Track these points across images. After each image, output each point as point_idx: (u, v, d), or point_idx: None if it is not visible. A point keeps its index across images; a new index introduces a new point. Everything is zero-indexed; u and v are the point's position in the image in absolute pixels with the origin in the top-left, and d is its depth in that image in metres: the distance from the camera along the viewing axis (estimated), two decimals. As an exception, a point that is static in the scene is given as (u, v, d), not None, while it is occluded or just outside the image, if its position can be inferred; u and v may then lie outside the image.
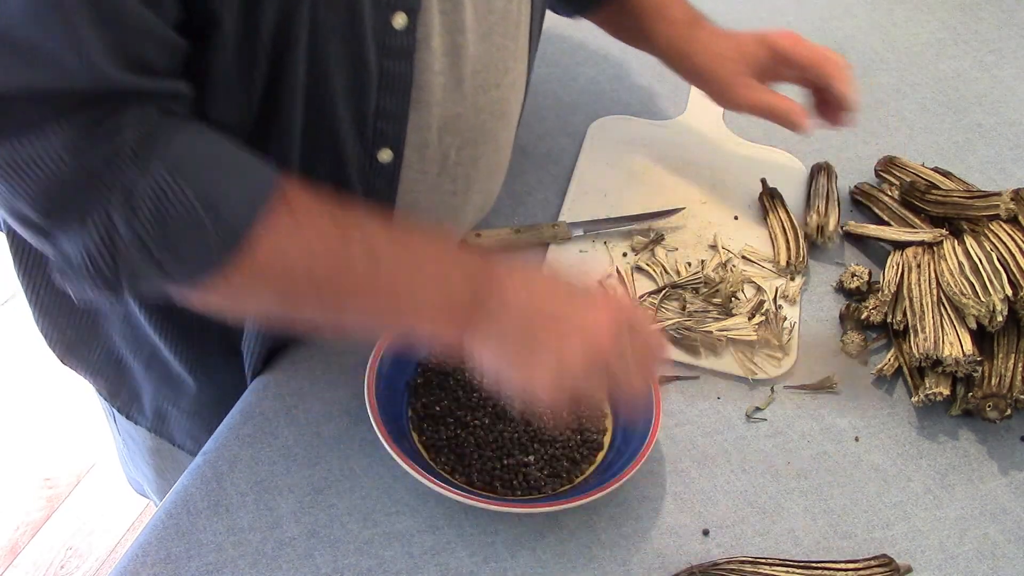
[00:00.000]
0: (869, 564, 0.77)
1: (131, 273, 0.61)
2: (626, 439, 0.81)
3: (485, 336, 0.67)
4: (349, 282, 0.66)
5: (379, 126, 0.74)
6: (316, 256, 0.65)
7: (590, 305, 0.68)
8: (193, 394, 0.93)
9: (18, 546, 1.84)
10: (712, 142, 1.14)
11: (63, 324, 0.92)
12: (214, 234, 0.60)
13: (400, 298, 0.68)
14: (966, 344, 0.85)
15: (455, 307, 0.67)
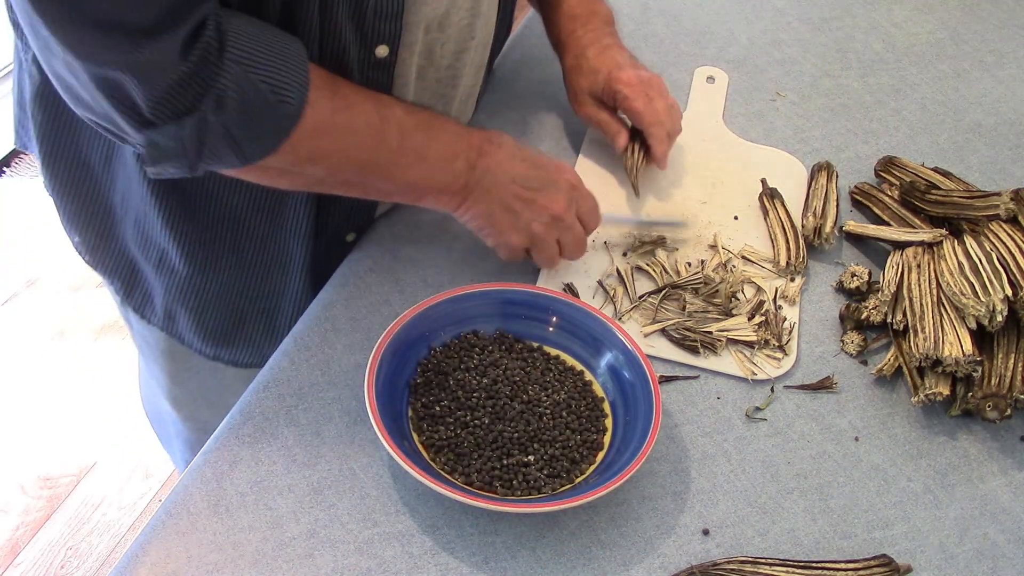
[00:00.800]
0: (869, 564, 0.77)
1: (212, 156, 0.74)
2: (626, 439, 0.81)
3: (475, 206, 0.88)
4: (382, 155, 0.82)
5: (377, 24, 0.81)
6: (358, 131, 0.80)
7: (553, 185, 0.90)
8: (198, 292, 0.99)
9: (18, 546, 1.84)
10: (712, 142, 1.14)
11: (84, 228, 1.00)
12: (282, 111, 0.74)
13: (418, 173, 0.85)
14: (966, 344, 0.85)
15: (456, 185, 0.87)
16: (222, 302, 1.00)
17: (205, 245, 0.95)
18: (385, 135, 0.81)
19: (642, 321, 0.93)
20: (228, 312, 1.00)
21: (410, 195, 0.88)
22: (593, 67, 1.03)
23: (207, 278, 0.98)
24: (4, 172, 2.57)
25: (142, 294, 1.03)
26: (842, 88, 1.25)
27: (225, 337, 1.03)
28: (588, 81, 1.03)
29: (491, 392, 0.82)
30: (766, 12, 1.37)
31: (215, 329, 1.02)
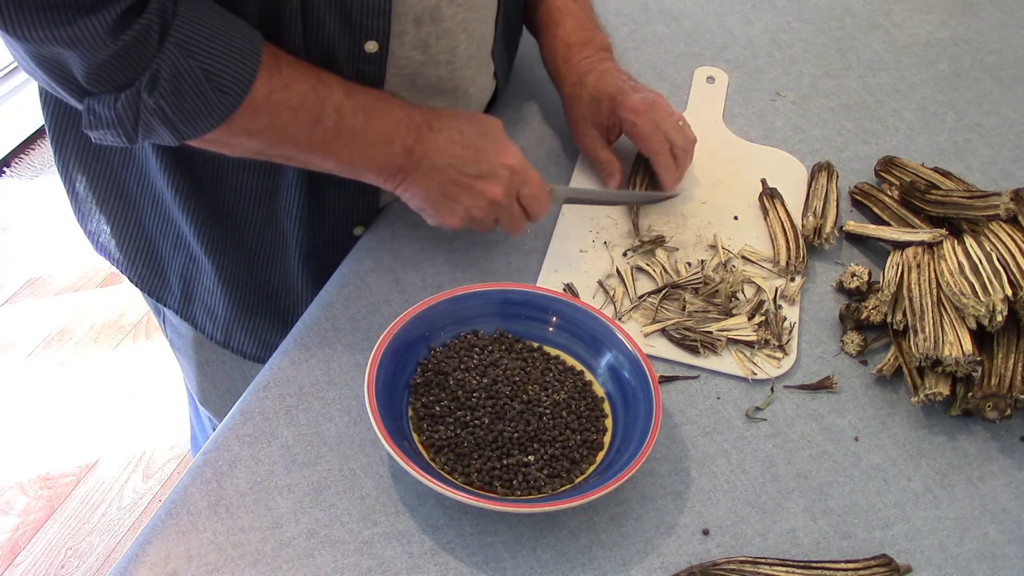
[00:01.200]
0: (869, 564, 0.77)
1: (147, 129, 0.77)
2: (626, 439, 0.81)
3: (412, 187, 0.90)
4: (318, 135, 0.83)
5: (364, 20, 0.83)
6: (294, 110, 0.81)
7: (491, 172, 0.90)
8: (209, 275, 1.01)
9: (18, 546, 1.84)
10: (712, 142, 1.14)
11: (100, 216, 1.02)
12: (217, 100, 0.77)
13: (354, 153, 0.86)
14: (966, 344, 0.85)
15: (393, 166, 0.88)
16: (231, 285, 1.01)
17: (213, 226, 0.97)
18: (322, 116, 0.83)
19: (642, 321, 0.93)
20: (237, 297, 1.02)
21: (349, 173, 0.89)
22: (594, 95, 1.02)
23: (216, 259, 0.99)
24: (4, 172, 2.57)
25: (161, 277, 1.04)
26: (842, 88, 1.25)
27: (234, 323, 1.03)
28: (591, 111, 1.03)
29: (491, 392, 0.82)
30: (766, 12, 1.37)
31: (226, 313, 1.03)
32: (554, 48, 1.05)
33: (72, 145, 0.98)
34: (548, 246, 0.99)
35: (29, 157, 2.60)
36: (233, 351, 1.06)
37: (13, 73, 2.56)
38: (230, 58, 0.76)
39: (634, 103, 1.00)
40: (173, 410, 2.07)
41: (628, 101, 1.00)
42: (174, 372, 2.11)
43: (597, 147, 1.03)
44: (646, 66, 1.25)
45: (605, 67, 1.03)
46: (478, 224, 0.92)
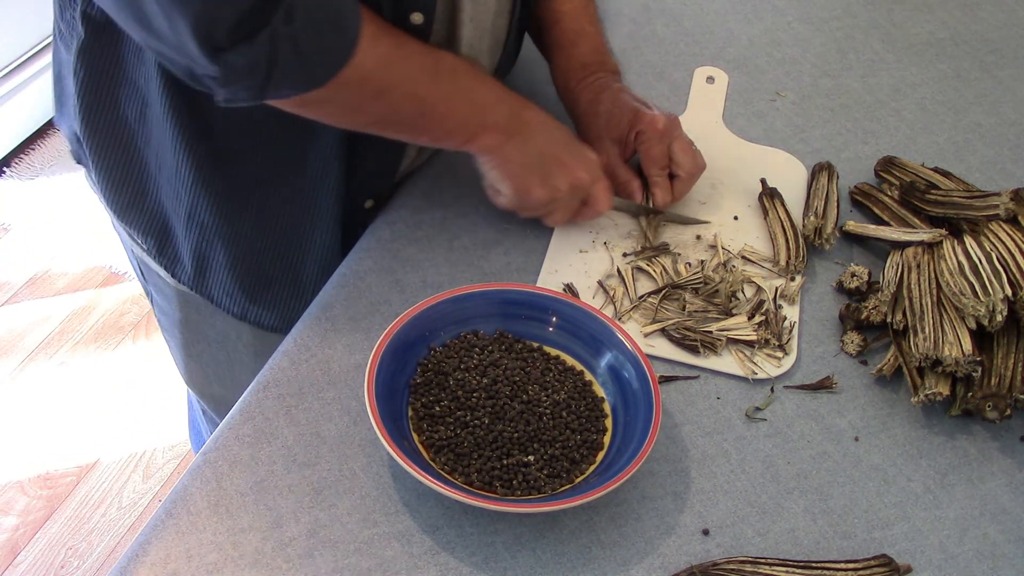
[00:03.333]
0: (869, 564, 0.77)
1: (281, 76, 0.76)
2: (626, 439, 0.81)
3: (515, 150, 0.93)
4: (434, 93, 0.87)
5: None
6: (416, 67, 0.85)
7: (585, 156, 0.97)
8: (228, 246, 1.01)
9: (18, 546, 1.84)
10: (712, 142, 1.14)
11: (120, 186, 1.02)
12: (343, 34, 0.78)
13: (469, 111, 0.90)
14: (966, 344, 0.85)
15: (501, 125, 0.91)
16: (250, 257, 1.02)
17: (233, 198, 0.97)
18: (438, 73, 0.86)
19: (642, 321, 0.93)
20: (255, 268, 1.03)
21: (460, 135, 0.91)
22: (611, 110, 1.02)
23: (235, 231, 1.00)
24: (4, 172, 2.57)
25: (173, 251, 1.04)
26: (842, 88, 1.25)
27: (252, 295, 1.04)
28: (609, 126, 1.02)
29: (491, 392, 0.82)
30: (766, 12, 1.37)
31: (243, 285, 1.04)
32: (569, 68, 1.06)
33: (101, 115, 0.98)
34: (548, 246, 0.99)
35: (29, 157, 2.60)
36: (251, 323, 1.07)
37: (13, 73, 2.56)
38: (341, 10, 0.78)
39: (653, 116, 1.01)
40: (173, 410, 2.07)
41: (648, 114, 1.01)
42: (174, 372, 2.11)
43: (615, 163, 1.03)
44: (646, 66, 1.25)
45: (620, 87, 1.04)
46: (558, 203, 0.96)
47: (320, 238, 1.01)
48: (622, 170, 1.03)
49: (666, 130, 1.00)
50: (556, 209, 0.97)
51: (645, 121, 1.00)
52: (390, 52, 0.82)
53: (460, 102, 0.89)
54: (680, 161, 1.01)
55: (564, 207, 0.97)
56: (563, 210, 0.97)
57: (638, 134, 1.01)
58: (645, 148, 1.01)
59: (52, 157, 2.59)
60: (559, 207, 0.97)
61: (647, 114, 1.01)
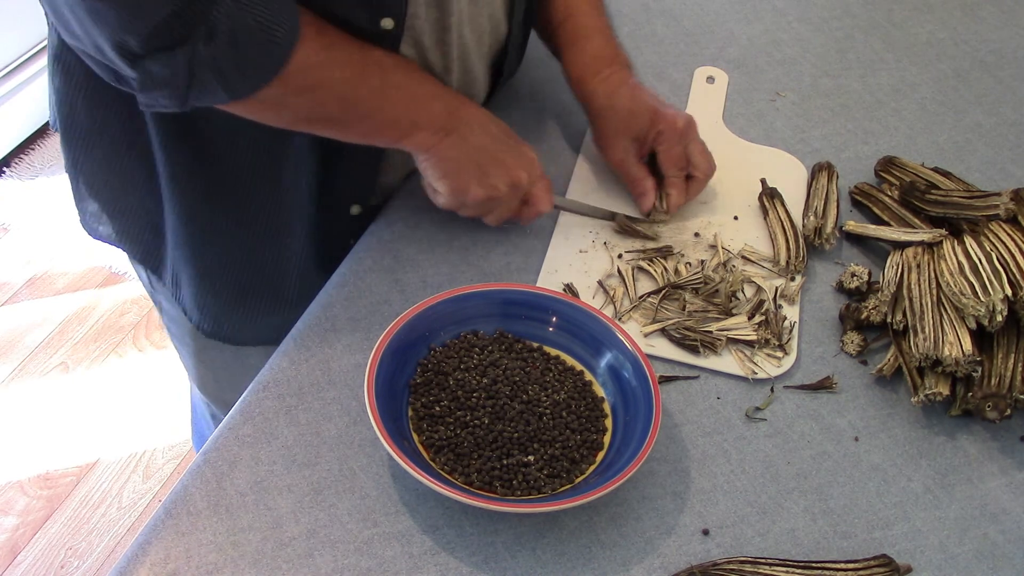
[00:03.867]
0: (869, 564, 0.77)
1: (201, 86, 0.76)
2: (626, 439, 0.81)
3: (451, 149, 0.90)
4: (364, 91, 0.85)
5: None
6: (343, 66, 0.82)
7: (522, 155, 0.94)
8: (202, 257, 1.00)
9: (18, 546, 1.84)
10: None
11: (102, 193, 1.02)
12: (270, 51, 0.76)
13: (399, 110, 0.87)
14: (966, 344, 0.85)
15: (436, 123, 0.89)
16: (225, 269, 1.01)
17: (209, 206, 0.96)
18: (366, 72, 0.84)
19: (642, 321, 0.93)
20: (231, 281, 1.01)
21: (391, 132, 0.89)
22: (631, 107, 1.01)
23: (210, 241, 0.98)
24: (4, 172, 2.57)
25: (158, 259, 1.04)
26: (842, 88, 1.25)
27: (227, 310, 1.03)
28: (627, 123, 1.01)
29: (491, 392, 0.82)
30: (766, 12, 1.37)
31: (218, 299, 1.02)
32: (583, 63, 1.04)
33: (78, 124, 0.97)
34: (548, 246, 0.99)
35: (29, 157, 2.60)
36: (223, 340, 1.06)
37: (13, 73, 2.56)
38: (280, 9, 0.76)
39: (674, 115, 1.00)
40: (173, 410, 2.07)
41: (668, 113, 1.00)
42: (174, 372, 2.11)
43: (630, 161, 1.02)
44: (646, 66, 1.25)
45: (635, 83, 1.03)
46: (496, 203, 0.94)
47: (298, 247, 0.99)
48: (636, 168, 1.02)
49: (685, 131, 1.00)
50: (495, 208, 0.95)
51: (666, 121, 0.99)
52: (318, 55, 0.80)
53: (391, 100, 0.87)
54: (698, 163, 1.01)
55: (503, 207, 0.95)
56: (502, 210, 0.96)
57: (658, 134, 1.00)
58: (665, 148, 1.00)
59: (52, 157, 2.59)
60: (498, 206, 0.95)
61: (668, 114, 1.00)
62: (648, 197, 1.02)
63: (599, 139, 1.05)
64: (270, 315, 1.04)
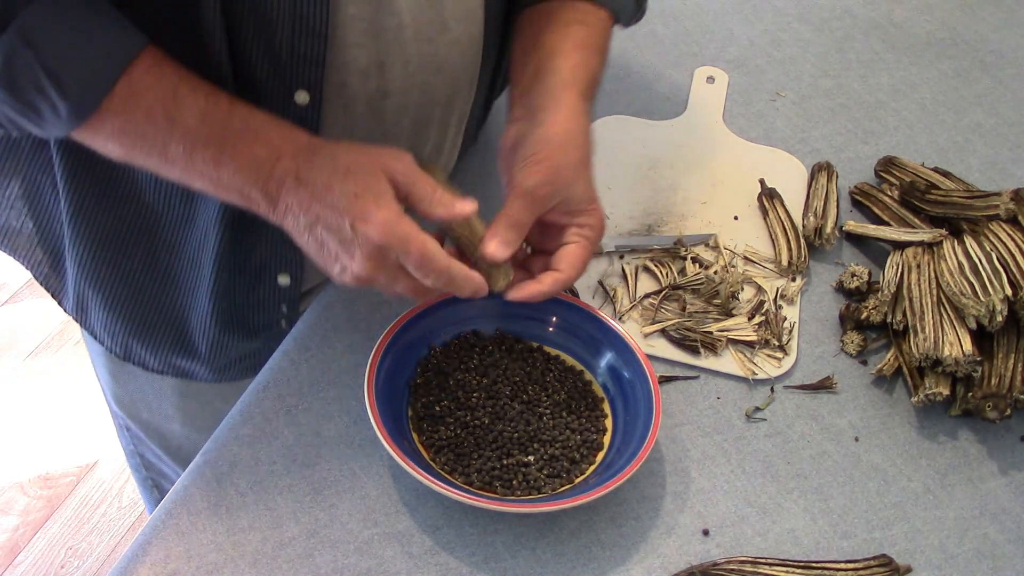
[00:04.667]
0: (869, 564, 0.77)
1: (5, 118, 0.71)
2: (626, 439, 0.81)
3: (291, 233, 0.76)
4: (168, 160, 0.74)
5: (295, 66, 0.75)
6: (143, 137, 0.73)
7: (352, 241, 0.73)
8: (106, 286, 0.93)
9: (18, 546, 1.84)
10: (712, 142, 1.14)
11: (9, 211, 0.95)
12: (60, 101, 0.69)
13: (209, 185, 0.75)
14: (966, 344, 0.85)
15: (258, 207, 0.75)
16: (129, 302, 0.93)
17: (116, 239, 0.89)
18: (168, 146, 0.73)
19: (642, 321, 0.93)
20: (134, 315, 0.94)
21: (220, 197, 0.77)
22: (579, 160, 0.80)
23: (115, 273, 0.91)
24: (4, 172, 2.57)
25: (60, 278, 0.97)
26: (842, 88, 1.25)
27: (137, 340, 0.97)
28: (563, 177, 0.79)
29: (491, 392, 0.82)
30: (766, 12, 1.37)
31: (124, 327, 0.95)
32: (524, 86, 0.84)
33: None
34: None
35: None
36: (134, 363, 0.99)
37: None
38: (84, 60, 0.68)
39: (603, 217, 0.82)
40: (173, 410, 2.07)
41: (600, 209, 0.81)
42: (174, 372, 2.11)
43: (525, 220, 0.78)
44: (646, 66, 1.25)
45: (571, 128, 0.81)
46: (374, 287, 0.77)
47: (207, 303, 0.90)
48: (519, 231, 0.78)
49: (597, 240, 0.81)
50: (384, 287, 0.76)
51: (597, 217, 0.81)
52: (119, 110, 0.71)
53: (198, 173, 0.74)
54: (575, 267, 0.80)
55: (395, 288, 0.76)
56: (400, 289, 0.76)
57: (580, 225, 0.80)
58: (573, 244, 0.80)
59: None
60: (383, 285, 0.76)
61: (600, 210, 0.81)
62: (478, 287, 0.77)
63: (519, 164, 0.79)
64: (174, 355, 0.97)
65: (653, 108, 1.18)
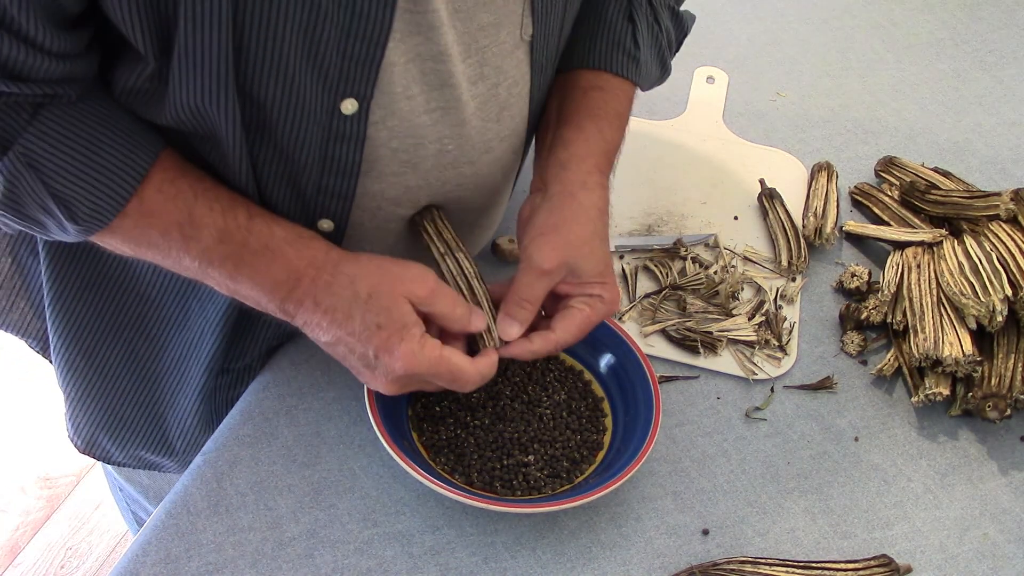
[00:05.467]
0: (869, 564, 0.77)
1: (7, 227, 0.70)
2: (626, 439, 0.81)
3: (304, 330, 0.75)
4: (181, 268, 0.73)
5: (320, 200, 0.74)
6: (157, 250, 0.72)
7: (374, 366, 0.72)
8: (79, 378, 0.91)
9: (18, 546, 1.84)
10: (712, 142, 1.14)
11: None
12: (68, 223, 0.68)
13: (221, 289, 0.74)
14: (966, 344, 0.85)
15: (267, 310, 0.74)
16: (103, 395, 0.91)
17: (95, 330, 0.87)
18: (182, 260, 0.72)
19: (642, 321, 0.93)
20: (106, 408, 0.92)
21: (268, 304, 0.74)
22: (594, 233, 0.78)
23: (89, 364, 0.89)
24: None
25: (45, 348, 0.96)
26: (842, 88, 1.25)
27: (98, 433, 0.94)
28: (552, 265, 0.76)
29: (491, 392, 0.82)
30: (766, 12, 1.37)
31: (91, 420, 0.93)
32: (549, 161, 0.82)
33: None
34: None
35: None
36: (96, 458, 0.97)
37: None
38: (92, 183, 0.67)
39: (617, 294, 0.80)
40: (173, 410, 2.07)
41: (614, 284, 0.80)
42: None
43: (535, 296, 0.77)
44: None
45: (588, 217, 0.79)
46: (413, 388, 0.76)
47: (189, 403, 0.89)
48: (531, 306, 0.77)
49: (608, 314, 0.79)
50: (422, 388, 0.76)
51: (611, 293, 0.79)
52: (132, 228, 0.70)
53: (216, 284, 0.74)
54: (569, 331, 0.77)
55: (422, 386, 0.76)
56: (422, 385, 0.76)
57: (589, 295, 0.78)
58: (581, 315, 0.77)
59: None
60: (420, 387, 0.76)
61: (614, 285, 0.79)
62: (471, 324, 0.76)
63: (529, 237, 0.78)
64: (151, 455, 0.95)
65: (653, 108, 1.18)
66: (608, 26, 0.84)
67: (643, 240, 1.01)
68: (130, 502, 1.21)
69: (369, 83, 0.68)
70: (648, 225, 1.03)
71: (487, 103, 0.76)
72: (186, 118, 0.67)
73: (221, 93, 0.65)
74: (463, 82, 0.72)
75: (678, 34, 0.92)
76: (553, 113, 0.84)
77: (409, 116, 0.72)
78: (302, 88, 0.67)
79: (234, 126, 0.67)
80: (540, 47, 0.77)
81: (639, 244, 1.00)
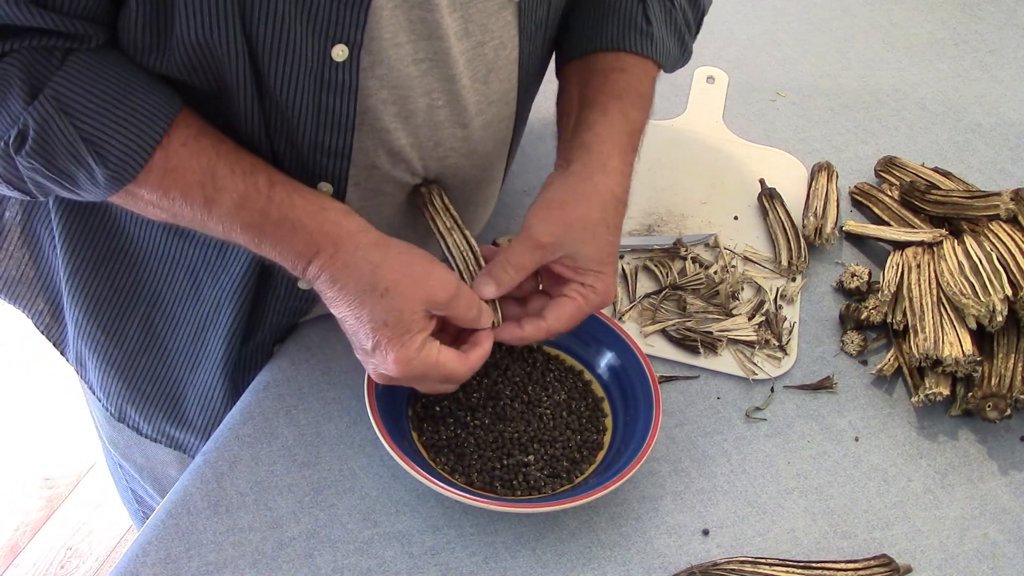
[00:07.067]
0: (869, 564, 0.77)
1: (37, 185, 0.69)
2: (626, 439, 0.81)
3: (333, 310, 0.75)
4: (206, 231, 0.73)
5: (318, 159, 0.74)
6: (180, 213, 0.71)
7: (381, 351, 0.72)
8: (102, 352, 0.92)
9: (18, 546, 1.84)
10: (712, 142, 1.14)
11: (9, 263, 0.94)
12: (99, 169, 0.67)
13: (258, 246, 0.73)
14: (966, 344, 0.85)
15: (302, 266, 0.73)
16: (124, 368, 0.92)
17: (112, 305, 0.88)
18: (206, 223, 0.72)
19: (642, 321, 0.93)
20: (129, 381, 0.92)
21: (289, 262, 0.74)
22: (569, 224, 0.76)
23: (110, 338, 0.90)
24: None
25: (61, 330, 0.96)
26: (842, 88, 1.25)
27: (125, 404, 0.95)
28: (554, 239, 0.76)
29: (491, 392, 0.82)
30: (766, 12, 1.37)
31: (119, 390, 0.94)
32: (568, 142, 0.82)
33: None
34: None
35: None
36: (129, 427, 0.97)
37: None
38: (121, 126, 0.67)
39: (613, 284, 0.79)
40: (173, 410, 2.07)
41: (611, 275, 0.79)
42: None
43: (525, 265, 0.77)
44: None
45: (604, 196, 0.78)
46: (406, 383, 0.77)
47: (211, 376, 0.89)
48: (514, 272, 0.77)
49: (601, 305, 0.79)
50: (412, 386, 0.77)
51: (605, 282, 0.78)
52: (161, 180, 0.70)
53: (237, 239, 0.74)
54: (561, 320, 0.77)
55: (412, 384, 0.76)
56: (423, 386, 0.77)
57: (583, 284, 0.77)
58: (572, 302, 0.77)
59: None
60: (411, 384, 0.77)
61: (610, 275, 0.79)
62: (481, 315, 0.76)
63: (536, 206, 0.78)
64: (167, 426, 0.95)
65: (653, 108, 1.18)
66: (618, 4, 0.84)
67: (643, 240, 1.01)
68: (128, 479, 1.22)
69: (359, 27, 0.68)
70: (648, 225, 1.03)
71: (474, 61, 0.76)
72: (195, 58, 0.68)
73: (227, 24, 0.65)
74: (450, 35, 0.73)
75: (695, 13, 0.92)
76: (575, 97, 0.83)
77: (397, 64, 0.72)
78: (293, 33, 0.67)
79: (243, 64, 0.68)
80: (529, 10, 0.78)
81: (639, 244, 1.00)
